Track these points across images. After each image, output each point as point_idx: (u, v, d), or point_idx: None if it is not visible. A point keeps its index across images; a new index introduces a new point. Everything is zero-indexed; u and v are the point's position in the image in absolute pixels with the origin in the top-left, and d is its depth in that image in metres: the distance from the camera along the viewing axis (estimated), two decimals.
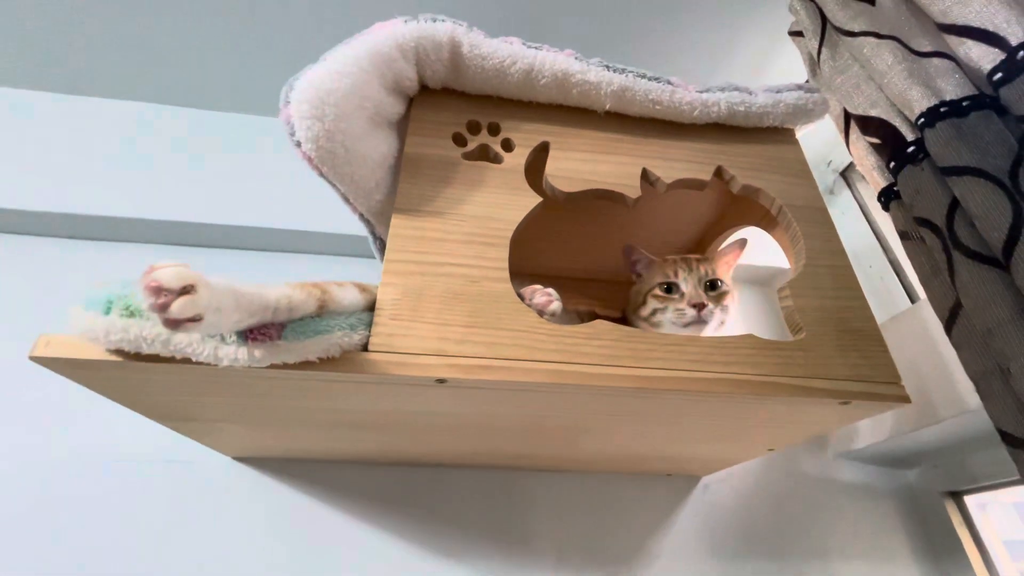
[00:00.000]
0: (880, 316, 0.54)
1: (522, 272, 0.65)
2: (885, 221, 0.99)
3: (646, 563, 0.77)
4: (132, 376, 0.43)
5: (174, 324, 0.27)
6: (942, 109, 0.53)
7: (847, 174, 1.08)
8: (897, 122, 0.59)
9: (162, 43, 0.91)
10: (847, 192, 1.08)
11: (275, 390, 0.47)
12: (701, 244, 0.85)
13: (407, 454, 0.74)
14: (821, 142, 1.04)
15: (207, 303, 0.28)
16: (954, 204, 0.51)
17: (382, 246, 0.62)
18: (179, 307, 0.26)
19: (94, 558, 0.66)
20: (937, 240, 0.52)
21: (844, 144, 0.70)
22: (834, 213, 0.61)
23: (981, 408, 0.63)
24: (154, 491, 0.72)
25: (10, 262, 0.86)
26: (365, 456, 0.75)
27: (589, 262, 0.89)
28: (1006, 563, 0.78)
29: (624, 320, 0.68)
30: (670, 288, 0.60)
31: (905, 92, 0.57)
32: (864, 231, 1.01)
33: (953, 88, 0.54)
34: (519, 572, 0.74)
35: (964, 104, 0.53)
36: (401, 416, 0.55)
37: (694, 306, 0.57)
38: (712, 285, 0.60)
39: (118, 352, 0.39)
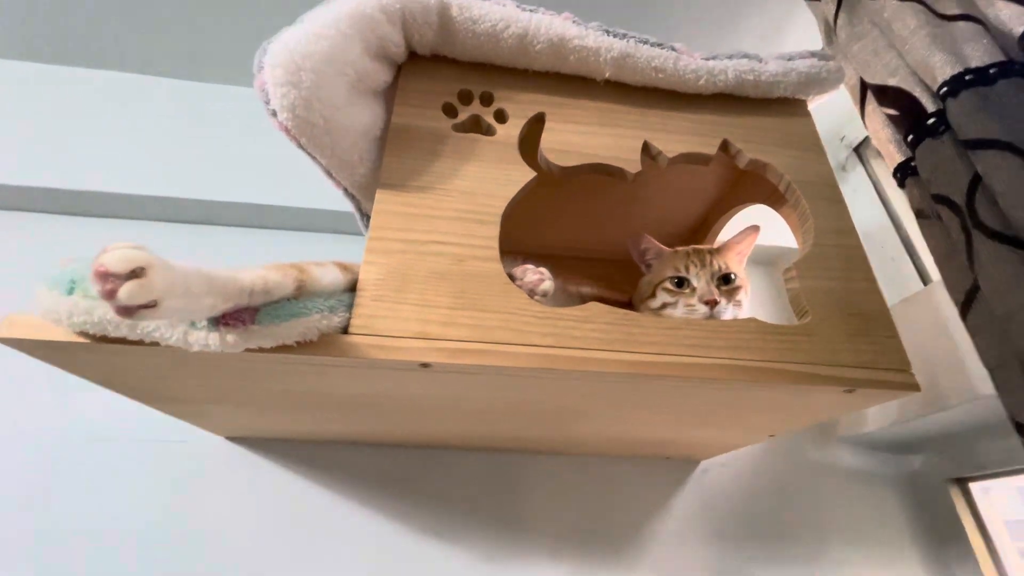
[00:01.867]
0: (892, 299, 0.51)
1: (519, 251, 0.63)
2: (900, 200, 0.95)
3: (643, 547, 0.76)
4: (102, 359, 0.41)
5: (125, 312, 0.25)
6: (967, 77, 0.50)
7: (861, 150, 1.04)
8: (917, 92, 0.55)
9: (146, 10, 0.87)
10: (860, 169, 1.03)
11: (253, 372, 0.45)
12: (705, 222, 0.82)
13: (400, 436, 0.73)
14: (834, 116, 1.00)
15: (163, 287, 0.26)
16: (976, 180, 0.48)
17: (368, 222, 0.59)
18: (127, 293, 0.24)
19: (86, 539, 0.66)
20: (956, 219, 0.49)
21: (859, 117, 0.66)
22: (846, 191, 0.58)
23: (993, 396, 0.61)
24: (147, 471, 0.71)
25: None
26: (359, 437, 0.74)
27: (590, 240, 0.86)
28: (1008, 547, 0.76)
29: (631, 306, 0.66)
30: (681, 282, 0.58)
31: (927, 59, 0.53)
32: (877, 211, 0.97)
33: (980, 54, 0.50)
34: (515, 555, 0.73)
35: (991, 71, 0.49)
36: (388, 399, 0.53)
37: (706, 303, 0.54)
38: (725, 279, 0.57)
39: (83, 334, 0.37)
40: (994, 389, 0.47)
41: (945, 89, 0.51)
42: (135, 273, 0.25)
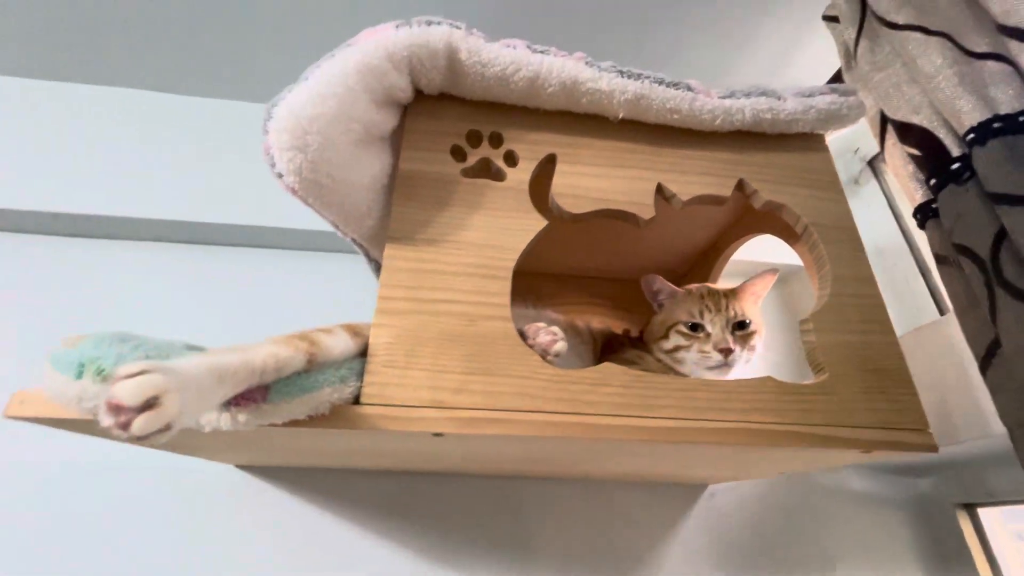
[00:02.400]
0: (902, 322, 0.50)
1: (525, 271, 0.62)
2: None
3: (650, 571, 0.77)
4: None
5: (139, 440, 0.24)
6: (995, 124, 0.48)
7: (875, 163, 1.02)
8: (941, 134, 0.53)
9: (148, 25, 0.85)
10: (874, 183, 1.01)
11: (265, 438, 0.45)
12: (715, 248, 0.80)
13: (408, 467, 0.73)
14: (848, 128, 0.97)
15: (176, 411, 0.25)
16: (1001, 235, 0.47)
17: (378, 268, 0.58)
18: (140, 426, 0.24)
19: (95, 567, 0.67)
20: (979, 272, 0.48)
21: (879, 147, 0.64)
22: (858, 206, 0.57)
23: (1006, 432, 0.61)
24: (156, 499, 0.72)
25: None
26: (366, 467, 0.74)
27: (597, 262, 0.85)
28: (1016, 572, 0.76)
29: (642, 340, 0.65)
30: (696, 327, 0.57)
31: (954, 100, 0.51)
32: (890, 227, 0.95)
33: (1010, 100, 0.48)
34: None
35: (1021, 119, 0.47)
36: (400, 451, 0.53)
37: (721, 351, 0.53)
38: (740, 325, 0.56)
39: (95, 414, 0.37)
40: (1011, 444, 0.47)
41: (972, 135, 0.49)
42: (149, 403, 0.24)
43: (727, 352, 0.53)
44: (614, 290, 0.89)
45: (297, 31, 0.83)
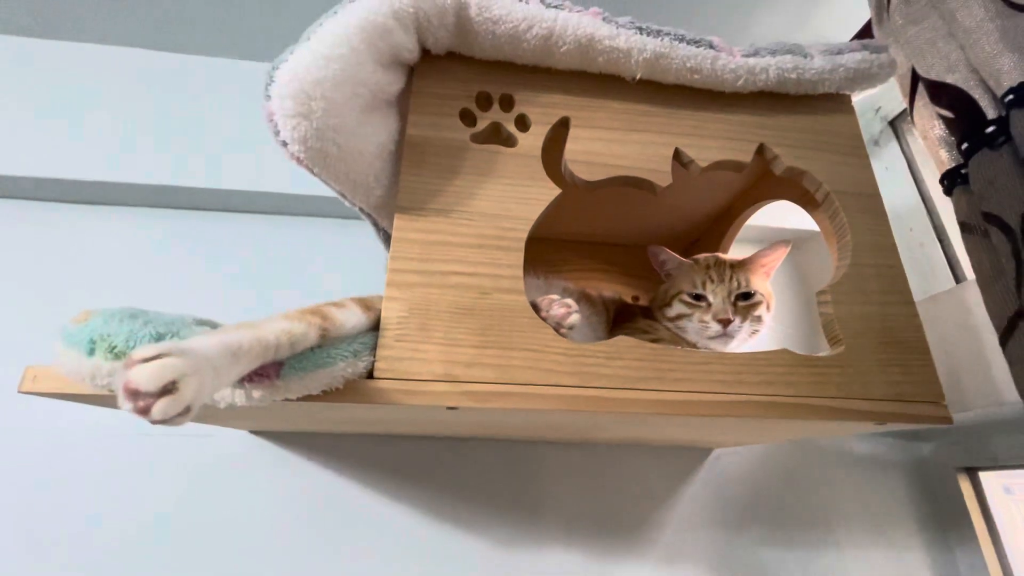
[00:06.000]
0: (916, 289, 0.49)
1: (531, 237, 0.61)
2: (934, 182, 0.90)
3: (656, 532, 0.79)
4: None
5: (160, 423, 0.24)
6: None
7: (897, 123, 0.98)
8: (977, 94, 0.50)
9: None
10: (895, 144, 0.98)
11: (280, 410, 0.45)
12: (729, 214, 0.78)
13: (421, 434, 0.74)
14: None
15: (195, 393, 0.25)
16: None
17: (387, 237, 0.57)
18: (160, 411, 0.23)
19: (110, 532, 0.68)
20: (1007, 242, 0.46)
21: (907, 107, 0.61)
22: (878, 168, 0.55)
23: (1018, 401, 0.61)
24: (171, 465, 0.73)
25: None
26: (382, 432, 0.76)
27: (608, 227, 0.83)
28: (1014, 537, 0.78)
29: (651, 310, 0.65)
30: (698, 297, 0.56)
31: (994, 58, 0.48)
32: (909, 190, 0.93)
33: None
34: (531, 541, 0.76)
35: None
36: (414, 420, 0.54)
37: (719, 321, 0.52)
38: (744, 296, 0.55)
39: (109, 391, 0.37)
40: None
41: (1011, 97, 0.46)
42: (167, 389, 0.24)
43: (726, 322, 0.53)
44: (624, 256, 0.87)
45: None
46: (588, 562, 0.76)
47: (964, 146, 0.51)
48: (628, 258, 0.87)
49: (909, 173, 0.94)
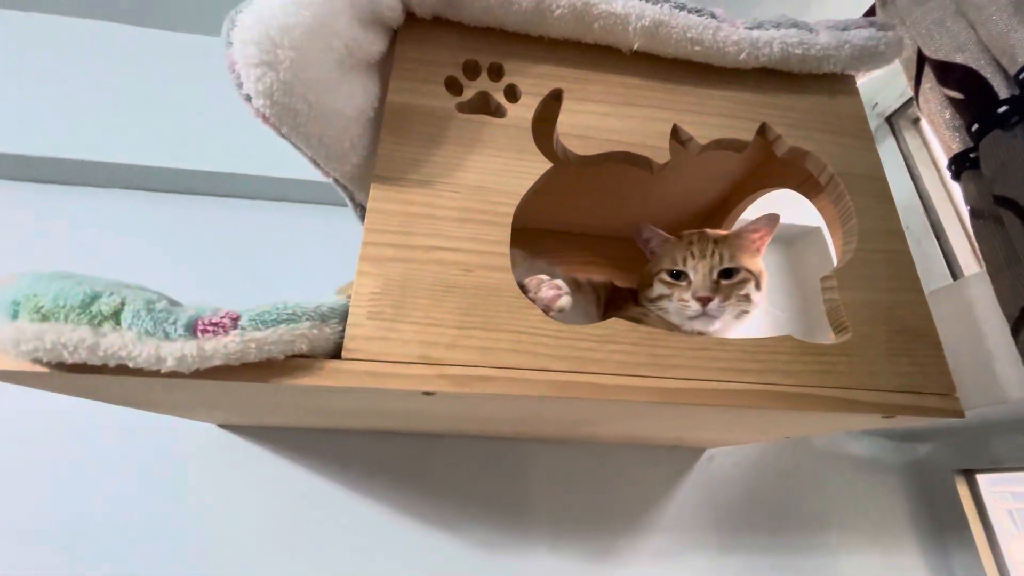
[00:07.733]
0: None
1: (523, 227, 0.57)
2: (932, 180, 0.89)
3: (646, 533, 0.76)
4: (67, 383, 0.37)
5: None
6: None
7: (894, 120, 0.96)
8: (988, 73, 0.48)
9: None
10: (891, 141, 0.96)
11: (238, 391, 0.41)
12: (726, 204, 0.76)
13: (398, 427, 0.70)
14: (866, 80, 0.91)
15: None
16: None
17: (363, 212, 0.53)
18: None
19: (76, 527, 0.64)
20: (1020, 225, 0.44)
21: (912, 92, 0.59)
22: None
23: (1020, 402, 0.59)
24: (137, 459, 0.69)
25: None
26: (354, 427, 0.71)
27: (599, 218, 0.80)
28: (1010, 540, 0.76)
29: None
30: (678, 275, 0.52)
31: (1007, 34, 0.46)
32: (906, 189, 0.91)
33: None
34: (516, 542, 0.72)
35: None
36: (388, 412, 0.50)
37: (698, 299, 0.49)
38: (727, 273, 0.52)
39: (37, 361, 0.33)
40: None
41: None
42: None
43: (705, 300, 0.50)
44: (617, 248, 0.84)
45: None
46: (574, 566, 0.72)
47: (974, 128, 0.49)
48: (621, 251, 0.84)
49: (906, 170, 0.92)
